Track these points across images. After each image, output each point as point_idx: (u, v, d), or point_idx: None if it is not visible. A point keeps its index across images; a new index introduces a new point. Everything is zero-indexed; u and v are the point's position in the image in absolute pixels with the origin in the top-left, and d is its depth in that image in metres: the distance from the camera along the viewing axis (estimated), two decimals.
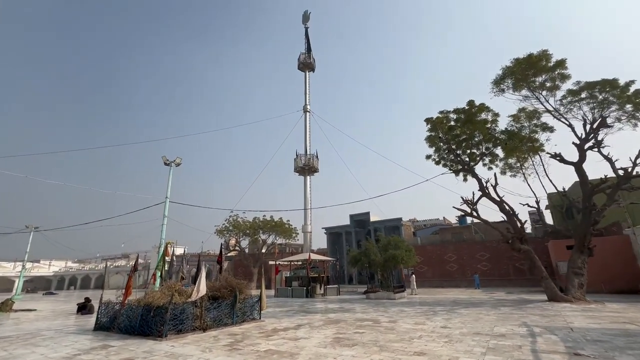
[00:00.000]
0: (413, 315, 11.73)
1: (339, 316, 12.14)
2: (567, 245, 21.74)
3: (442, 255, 33.84)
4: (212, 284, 10.77)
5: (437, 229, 37.96)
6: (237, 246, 39.87)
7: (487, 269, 30.96)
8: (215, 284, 10.79)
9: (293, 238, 41.04)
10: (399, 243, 26.04)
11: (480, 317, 10.77)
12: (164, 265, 10.39)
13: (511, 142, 19.17)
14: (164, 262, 10.40)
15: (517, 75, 17.11)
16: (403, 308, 14.34)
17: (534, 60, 15.79)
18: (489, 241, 31.83)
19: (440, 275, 33.20)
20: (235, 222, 38.18)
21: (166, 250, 10.30)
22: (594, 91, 16.74)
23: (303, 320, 11.37)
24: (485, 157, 20.75)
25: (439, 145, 22.04)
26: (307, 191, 26.95)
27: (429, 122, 21.69)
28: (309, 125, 29.18)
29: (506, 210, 17.65)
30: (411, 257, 25.04)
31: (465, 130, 20.23)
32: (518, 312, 11.93)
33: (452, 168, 22.02)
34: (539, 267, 15.83)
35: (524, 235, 16.77)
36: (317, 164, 28.07)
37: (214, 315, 9.76)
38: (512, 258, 30.13)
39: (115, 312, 9.59)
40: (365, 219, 42.11)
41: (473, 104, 19.01)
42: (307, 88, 30.72)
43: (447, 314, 11.81)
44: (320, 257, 26.37)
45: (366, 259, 24.90)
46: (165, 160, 18.11)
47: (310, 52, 31.56)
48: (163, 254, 10.34)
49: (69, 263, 78.37)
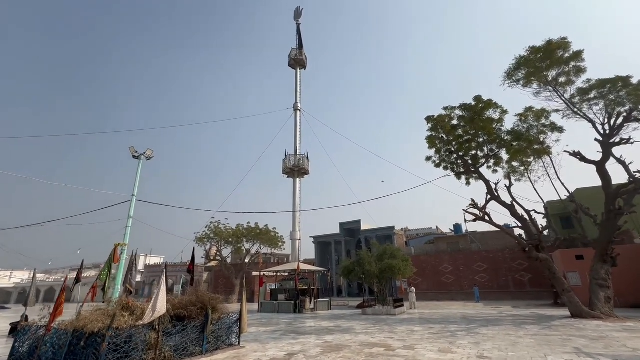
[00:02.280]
0: (429, 338, 9.56)
1: (338, 339, 9.82)
2: (577, 255, 20.26)
3: (438, 266, 31.99)
4: (178, 300, 8.31)
5: (432, 238, 36.24)
6: (218, 255, 36.80)
7: (485, 281, 29.23)
8: (183, 300, 8.33)
9: (279, 247, 38.38)
10: (395, 252, 24.05)
11: (515, 341, 8.71)
12: (108, 275, 7.88)
13: (518, 143, 17.73)
14: (109, 271, 7.90)
15: (530, 67, 15.72)
16: (411, 327, 12.15)
17: (553, 47, 14.41)
18: (487, 251, 30.27)
19: (435, 287, 31.25)
20: (216, 229, 35.28)
21: (114, 254, 7.83)
22: (603, 90, 15.54)
23: (294, 345, 8.99)
24: (490, 159, 19.22)
25: (440, 147, 20.46)
26: (297, 194, 24.68)
27: (430, 121, 20.09)
28: (299, 124, 27.13)
29: (519, 215, 15.94)
30: (408, 268, 23.04)
31: (469, 130, 18.70)
32: (553, 333, 9.96)
33: (454, 170, 20.40)
34: (560, 279, 14.06)
35: (542, 242, 15.05)
36: (307, 165, 25.92)
37: (177, 342, 7.29)
38: (511, 269, 28.60)
39: (37, 340, 6.97)
40: (356, 228, 40.00)
41: (480, 99, 17.51)
42: (297, 86, 28.78)
43: (469, 336, 9.70)
44: (310, 268, 23.94)
45: (360, 269, 22.68)
46: (133, 152, 15.54)
47: (302, 48, 29.81)
48: (110, 260, 7.84)
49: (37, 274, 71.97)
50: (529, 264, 27.85)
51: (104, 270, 7.92)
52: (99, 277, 7.98)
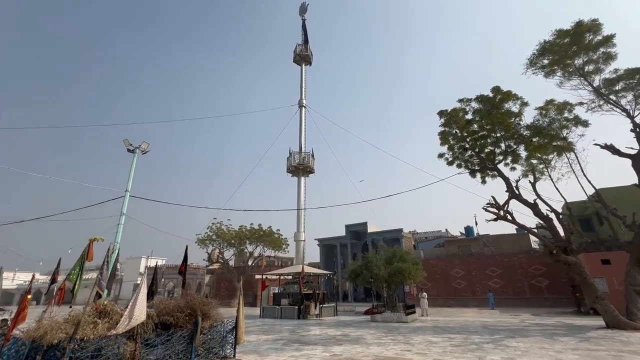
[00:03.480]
0: (453, 351, 8.31)
1: (348, 351, 8.61)
2: (603, 259, 18.86)
3: (448, 270, 30.53)
4: (164, 305, 7.22)
5: (442, 241, 34.79)
6: (221, 258, 35.73)
7: (499, 287, 27.69)
8: (169, 305, 7.23)
9: (283, 250, 37.23)
10: (404, 255, 22.79)
11: (556, 357, 7.44)
12: (80, 275, 6.80)
13: (539, 140, 16.48)
14: (81, 270, 6.83)
15: (555, 54, 14.51)
16: (427, 337, 10.89)
17: (583, 29, 13.19)
18: (501, 255, 28.76)
19: (446, 293, 29.77)
20: (218, 230, 34.26)
21: (88, 251, 6.72)
22: (632, 81, 14.29)
23: (298, 358, 7.81)
24: (508, 156, 18.00)
25: (453, 143, 19.30)
26: (301, 193, 23.57)
27: (443, 115, 18.96)
28: (304, 121, 26.10)
29: (543, 215, 14.64)
30: (418, 272, 21.76)
31: (485, 125, 17.51)
32: (595, 347, 8.64)
33: (469, 167, 19.22)
34: (592, 285, 12.71)
35: (570, 244, 13.72)
36: (312, 163, 24.83)
37: (160, 354, 6.19)
38: (527, 274, 27.04)
39: None
40: (362, 230, 38.71)
41: (499, 90, 16.30)
42: (303, 82, 27.86)
43: (499, 349, 8.44)
44: (315, 271, 22.74)
45: (368, 272, 21.43)
46: (128, 145, 14.58)
47: (307, 44, 28.96)
48: (82, 258, 6.75)
49: (37, 275, 71.70)
50: (546, 268, 26.34)
51: (74, 269, 6.85)
52: (67, 278, 6.92)
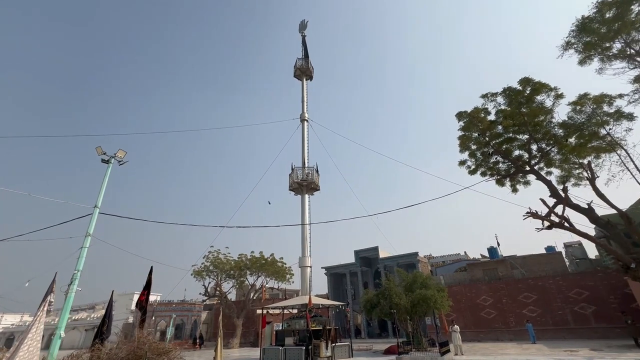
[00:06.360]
0: None
1: None
2: None
3: (474, 298, 27.00)
4: (106, 352, 4.57)
5: (463, 264, 31.44)
6: (218, 291, 32.34)
7: (535, 315, 24.05)
8: (111, 352, 4.59)
9: (287, 280, 33.84)
10: (427, 280, 19.77)
11: None
12: None
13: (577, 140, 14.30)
14: None
15: (593, 34, 12.66)
16: None
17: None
18: (534, 278, 25.36)
19: (474, 324, 26.05)
20: (215, 259, 31.27)
21: None
22: None
23: None
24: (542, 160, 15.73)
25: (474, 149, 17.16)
26: (306, 212, 21.06)
27: (462, 118, 17.05)
28: (307, 136, 24.28)
29: (604, 222, 11.99)
30: (444, 300, 18.66)
31: (514, 124, 15.40)
32: None
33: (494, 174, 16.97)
34: None
35: None
36: (317, 180, 22.59)
37: None
38: (567, 300, 23.49)
39: None
40: (373, 256, 35.51)
41: (529, 81, 14.37)
42: (304, 96, 26.50)
43: None
44: (325, 302, 19.60)
45: (386, 302, 18.33)
46: (101, 153, 12.39)
47: (307, 58, 28.00)
48: None
49: (25, 317, 67.17)
50: (589, 292, 22.92)
51: None
52: None
